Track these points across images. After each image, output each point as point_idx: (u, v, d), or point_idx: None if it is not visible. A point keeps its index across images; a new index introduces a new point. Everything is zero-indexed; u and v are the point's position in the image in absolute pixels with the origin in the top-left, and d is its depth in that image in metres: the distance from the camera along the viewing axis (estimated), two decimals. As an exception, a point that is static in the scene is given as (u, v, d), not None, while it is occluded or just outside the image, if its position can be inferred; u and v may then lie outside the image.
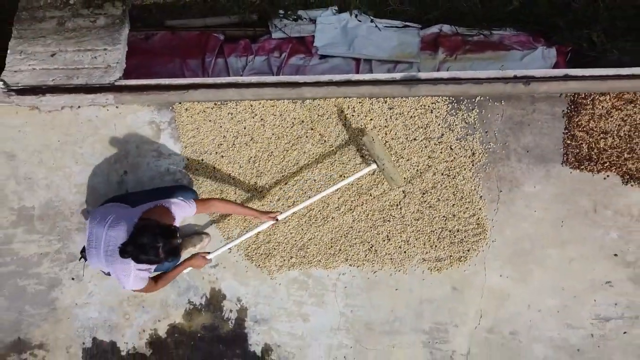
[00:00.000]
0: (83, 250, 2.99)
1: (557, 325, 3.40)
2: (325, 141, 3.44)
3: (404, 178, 3.38)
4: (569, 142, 3.41)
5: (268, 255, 3.39)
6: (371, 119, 3.41)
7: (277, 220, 3.11)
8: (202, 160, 3.43)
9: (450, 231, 3.39)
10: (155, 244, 2.54)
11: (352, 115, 3.43)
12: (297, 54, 4.34)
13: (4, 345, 3.41)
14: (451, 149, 3.41)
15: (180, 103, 3.44)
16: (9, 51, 3.38)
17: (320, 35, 4.42)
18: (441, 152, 3.41)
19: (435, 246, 3.38)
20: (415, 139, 3.41)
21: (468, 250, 3.39)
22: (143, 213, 2.72)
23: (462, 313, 3.40)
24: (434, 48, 4.39)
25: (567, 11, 4.60)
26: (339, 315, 3.41)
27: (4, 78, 3.29)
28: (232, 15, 4.59)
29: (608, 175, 3.41)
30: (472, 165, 3.42)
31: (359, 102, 3.43)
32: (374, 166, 3.28)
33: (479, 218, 3.39)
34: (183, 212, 2.81)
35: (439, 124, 3.42)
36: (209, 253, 3.07)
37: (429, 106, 3.43)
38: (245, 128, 3.43)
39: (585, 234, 3.40)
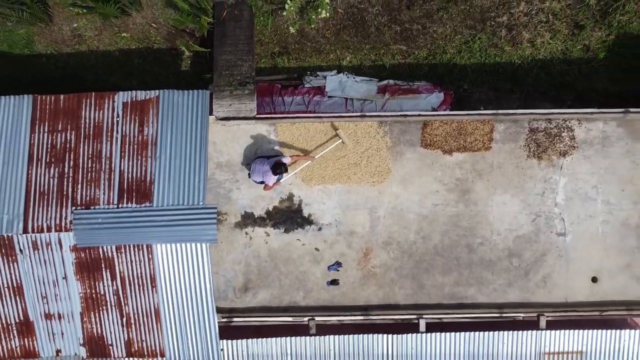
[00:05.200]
0: (249, 175, 8.82)
1: (418, 206, 9.14)
2: (336, 135, 9.11)
3: (352, 142, 9.06)
4: (422, 138, 9.08)
5: (310, 179, 9.12)
6: (349, 128, 9.09)
7: (314, 158, 8.88)
8: (285, 144, 9.12)
9: (378, 172, 9.09)
10: (282, 167, 8.37)
11: (344, 126, 9.10)
12: (317, 95, 10.03)
13: (212, 213, 9.19)
14: (378, 140, 9.09)
15: (278, 123, 9.10)
16: (213, 103, 9.00)
17: (328, 85, 10.08)
18: (375, 141, 9.08)
19: (372, 176, 9.10)
20: (364, 137, 9.08)
21: (384, 178, 9.10)
22: (275, 160, 8.50)
23: (382, 201, 9.14)
24: (383, 92, 10.05)
25: (451, 73, 10.24)
26: (337, 202, 9.14)
27: (214, 114, 8.94)
28: (284, 74, 10.27)
29: (437, 151, 9.09)
30: (386, 147, 9.10)
31: (346, 122, 9.10)
32: (339, 140, 8.94)
33: (388, 167, 9.10)
34: (287, 161, 8.59)
35: (373, 131, 9.09)
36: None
37: (370, 124, 9.09)
38: (302, 133, 9.11)
39: (428, 173, 9.11)
